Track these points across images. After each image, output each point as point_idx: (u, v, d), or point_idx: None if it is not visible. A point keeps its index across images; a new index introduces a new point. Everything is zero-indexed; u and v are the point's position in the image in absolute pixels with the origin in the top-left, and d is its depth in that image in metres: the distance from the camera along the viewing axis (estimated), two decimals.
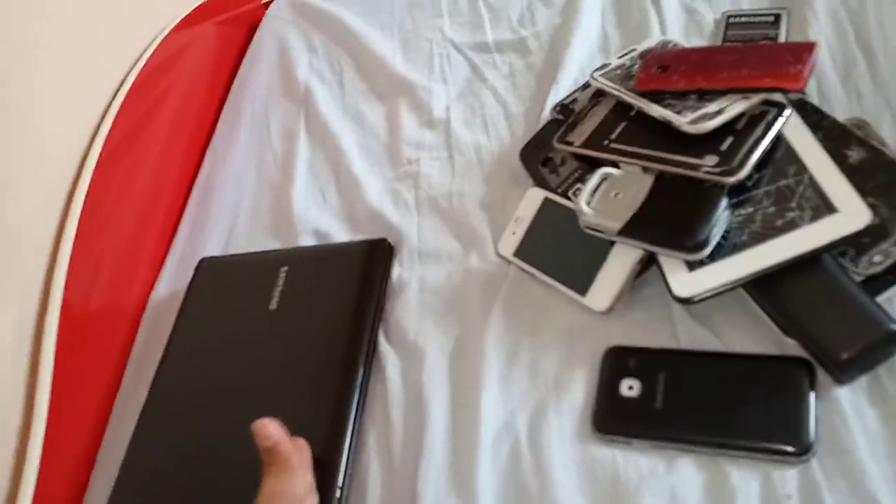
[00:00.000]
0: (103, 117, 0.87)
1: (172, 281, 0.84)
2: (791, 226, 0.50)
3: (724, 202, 0.52)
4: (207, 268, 0.77)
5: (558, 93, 0.73)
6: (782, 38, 0.66)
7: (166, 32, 0.99)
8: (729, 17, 0.70)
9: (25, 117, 0.77)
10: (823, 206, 0.50)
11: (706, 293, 0.51)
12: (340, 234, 0.76)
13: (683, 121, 0.56)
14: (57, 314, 0.73)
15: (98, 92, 0.89)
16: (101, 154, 0.83)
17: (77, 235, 0.77)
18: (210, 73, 1.07)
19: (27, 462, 0.67)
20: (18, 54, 0.76)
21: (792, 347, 0.50)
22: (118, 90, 0.90)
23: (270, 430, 0.49)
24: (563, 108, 0.70)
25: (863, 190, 0.51)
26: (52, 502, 0.69)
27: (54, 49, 0.82)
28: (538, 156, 0.68)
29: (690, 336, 0.54)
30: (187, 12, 1.05)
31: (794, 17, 0.67)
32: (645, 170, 0.58)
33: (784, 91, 0.55)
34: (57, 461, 0.70)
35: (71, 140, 0.84)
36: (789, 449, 0.46)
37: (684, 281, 0.52)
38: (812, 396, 0.48)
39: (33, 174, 0.78)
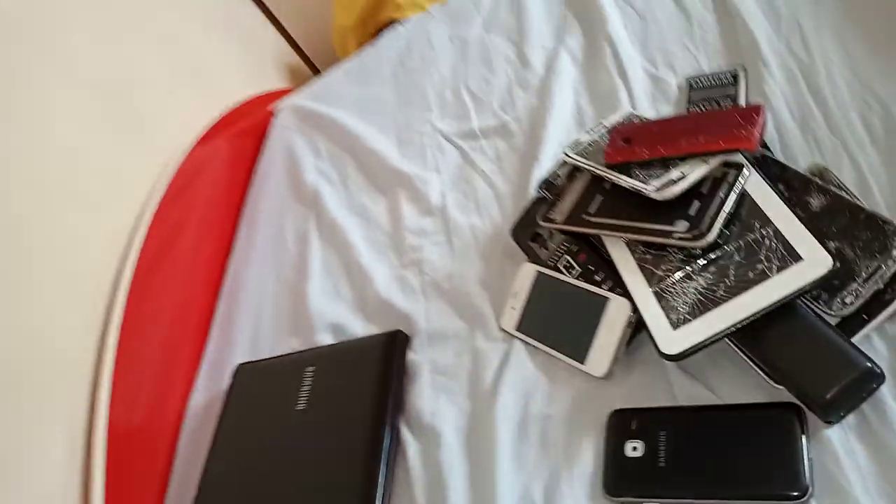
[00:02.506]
0: (130, 243, 0.94)
1: (206, 387, 0.89)
2: (762, 276, 0.53)
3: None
4: (242, 373, 0.83)
5: (541, 170, 0.78)
6: (742, 95, 0.70)
7: (183, 155, 1.07)
8: (690, 81, 0.75)
9: (59, 252, 0.84)
10: (789, 256, 0.53)
11: (691, 348, 0.53)
12: (355, 324, 0.80)
13: (650, 189, 0.60)
14: (104, 431, 0.79)
15: (123, 219, 0.97)
16: (133, 275, 0.90)
17: (117, 354, 0.83)
18: (227, 185, 1.15)
19: None
20: (40, 197, 0.84)
21: (782, 393, 0.52)
22: (143, 214, 0.98)
23: None
24: (547, 184, 0.75)
25: (826, 234, 0.54)
26: None
27: (77, 189, 0.90)
28: (527, 232, 0.72)
29: (686, 392, 0.57)
30: (201, 134, 1.13)
31: (750, 72, 0.72)
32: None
33: (738, 151, 0.59)
34: None
35: (102, 268, 0.91)
36: (788, 493, 0.48)
37: (670, 339, 0.55)
38: (804, 440, 0.50)
39: (70, 302, 0.85)
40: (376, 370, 0.72)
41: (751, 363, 0.54)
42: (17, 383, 0.74)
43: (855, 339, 0.51)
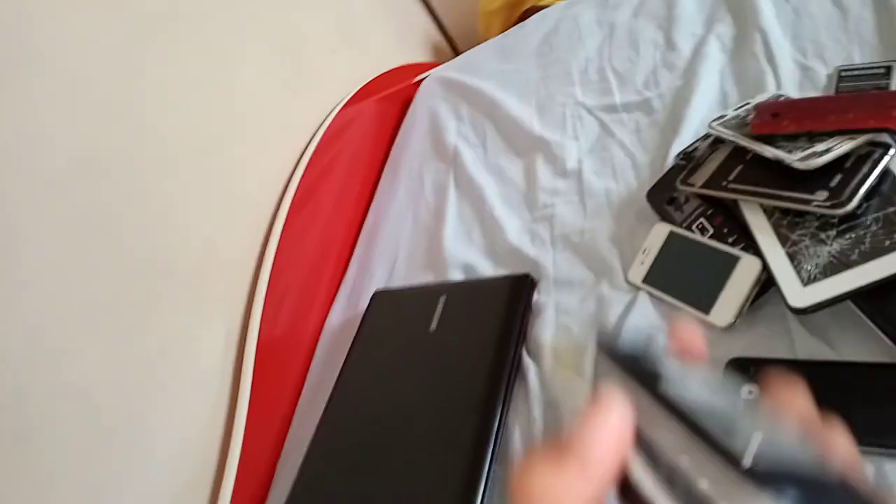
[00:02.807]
0: (291, 176, 1.06)
1: (343, 311, 0.99)
2: None
3: None
4: (379, 298, 0.92)
5: (681, 144, 0.82)
6: (894, 86, 0.72)
7: (338, 109, 1.19)
8: (841, 70, 0.77)
9: (233, 176, 0.96)
10: None
11: (819, 303, 0.57)
12: (485, 266, 0.88)
13: (794, 158, 0.64)
14: (256, 331, 0.89)
15: (286, 156, 1.09)
16: (290, 204, 1.01)
17: (272, 270, 0.94)
18: (372, 141, 1.25)
19: (230, 450, 0.82)
20: (229, 129, 0.96)
21: None
22: (302, 154, 1.10)
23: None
24: (686, 155, 0.79)
25: None
26: (247, 484, 0.82)
27: (254, 123, 1.02)
28: (664, 196, 0.77)
29: (807, 348, 0.60)
30: (353, 92, 1.24)
31: None
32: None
33: (889, 131, 0.62)
34: (251, 454, 0.84)
35: (266, 195, 1.03)
36: None
37: (799, 293, 0.59)
38: None
39: (240, 220, 0.96)
40: (504, 304, 0.78)
41: (875, 326, 0.57)
42: (190, 280, 0.85)
43: None
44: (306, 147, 1.10)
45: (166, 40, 0.88)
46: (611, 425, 0.26)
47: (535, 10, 1.42)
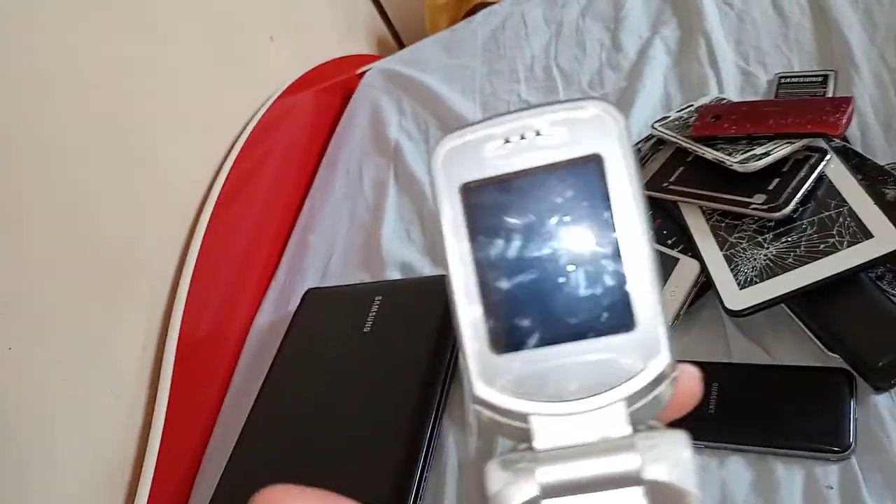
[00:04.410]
0: (220, 168, 1.01)
1: (273, 311, 0.94)
2: (832, 249, 0.56)
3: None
4: (311, 297, 0.88)
5: None
6: (830, 95, 0.73)
7: (273, 98, 1.14)
8: (781, 77, 0.78)
9: (152, 166, 0.91)
10: (860, 233, 0.56)
11: (755, 306, 0.57)
12: (423, 266, 0.85)
13: (734, 161, 0.63)
14: (177, 331, 0.84)
15: (215, 146, 1.03)
16: (217, 198, 0.96)
17: (195, 267, 0.89)
18: (309, 134, 1.21)
19: (147, 455, 0.77)
20: (151, 114, 0.90)
21: (833, 361, 0.55)
22: (232, 146, 1.05)
23: None
24: None
25: None
26: (165, 491, 0.77)
27: (180, 110, 0.96)
28: None
29: (742, 352, 0.60)
30: (291, 82, 1.20)
31: (840, 76, 0.74)
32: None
33: (825, 136, 0.62)
34: (170, 457, 0.79)
35: (191, 186, 0.97)
36: (830, 448, 0.51)
37: (736, 296, 0.58)
38: (852, 402, 0.52)
39: (161, 214, 0.91)
40: (442, 304, 0.76)
41: (808, 331, 0.57)
42: (108, 277, 0.80)
43: None
44: (237, 138, 1.05)
45: (84, 14, 0.82)
46: None
47: (483, 5, 1.40)
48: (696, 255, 0.63)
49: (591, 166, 0.20)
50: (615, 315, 0.19)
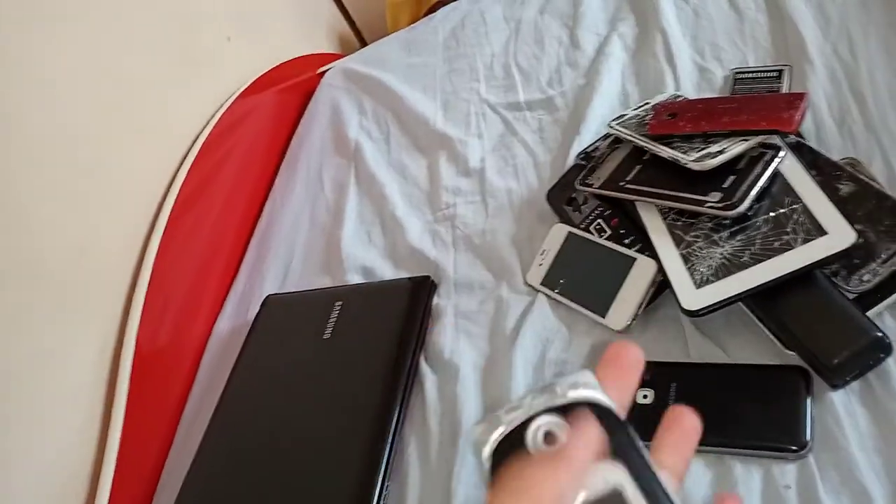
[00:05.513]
0: (176, 173, 0.98)
1: (232, 318, 0.92)
2: (786, 247, 0.56)
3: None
4: (271, 303, 0.86)
5: (581, 143, 0.81)
6: (784, 90, 0.73)
7: (232, 100, 1.12)
8: (736, 73, 0.78)
9: (109, 173, 0.88)
10: (815, 230, 0.56)
11: (711, 305, 0.56)
12: (384, 269, 0.84)
13: (689, 159, 0.63)
14: (133, 341, 0.82)
15: (170, 151, 1.01)
16: (174, 205, 0.93)
17: (151, 276, 0.87)
18: (270, 134, 1.19)
19: (103, 469, 0.75)
20: (101, 118, 0.88)
21: (791, 358, 0.55)
22: (189, 149, 1.02)
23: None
24: (586, 155, 0.78)
25: (852, 217, 0.57)
26: (125, 499, 0.75)
27: (134, 114, 0.94)
28: (563, 196, 0.75)
29: (700, 351, 0.60)
30: (250, 83, 1.17)
31: (794, 71, 0.75)
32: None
33: (779, 133, 0.62)
34: (128, 472, 0.77)
35: (146, 193, 0.94)
36: (788, 447, 0.51)
37: (692, 296, 0.58)
38: (809, 400, 0.52)
39: (116, 222, 0.88)
40: (402, 309, 0.75)
41: (765, 329, 0.57)
42: (60, 288, 0.77)
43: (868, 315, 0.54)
44: (195, 141, 1.02)
45: (34, 17, 0.79)
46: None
47: (444, 3, 1.38)
48: (654, 254, 0.63)
49: None
50: None
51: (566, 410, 0.26)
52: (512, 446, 0.26)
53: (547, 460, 0.25)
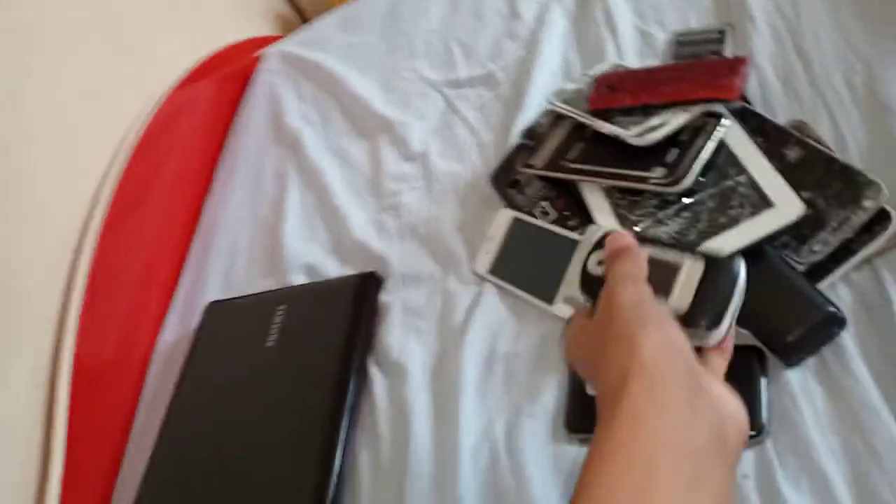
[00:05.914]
0: (105, 179, 0.92)
1: (177, 326, 0.88)
2: (733, 222, 0.54)
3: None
4: (213, 311, 0.82)
5: (525, 119, 0.77)
6: (728, 52, 0.70)
7: (167, 93, 1.05)
8: (678, 36, 0.75)
9: (27, 186, 0.82)
10: (762, 202, 0.53)
11: None
12: (329, 265, 0.80)
13: (630, 134, 0.60)
14: (69, 366, 0.78)
15: (99, 156, 0.95)
16: (108, 211, 0.88)
17: (87, 290, 0.82)
18: (210, 128, 1.13)
19: (49, 485, 0.71)
20: (18, 125, 0.82)
21: (744, 337, 0.53)
22: (118, 153, 0.96)
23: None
24: (529, 132, 0.74)
25: (800, 184, 0.55)
26: None
27: (57, 119, 0.88)
28: (506, 179, 0.72)
29: None
30: (186, 73, 1.11)
31: (737, 30, 0.72)
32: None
33: (721, 101, 0.59)
34: (76, 498, 0.74)
35: (76, 202, 0.89)
36: None
37: None
38: (763, 381, 0.50)
39: (42, 237, 0.83)
40: (347, 310, 0.71)
41: None
42: None
43: (821, 287, 0.52)
44: (123, 144, 0.97)
45: None
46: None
47: None
48: None
49: None
50: None
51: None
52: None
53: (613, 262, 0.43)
